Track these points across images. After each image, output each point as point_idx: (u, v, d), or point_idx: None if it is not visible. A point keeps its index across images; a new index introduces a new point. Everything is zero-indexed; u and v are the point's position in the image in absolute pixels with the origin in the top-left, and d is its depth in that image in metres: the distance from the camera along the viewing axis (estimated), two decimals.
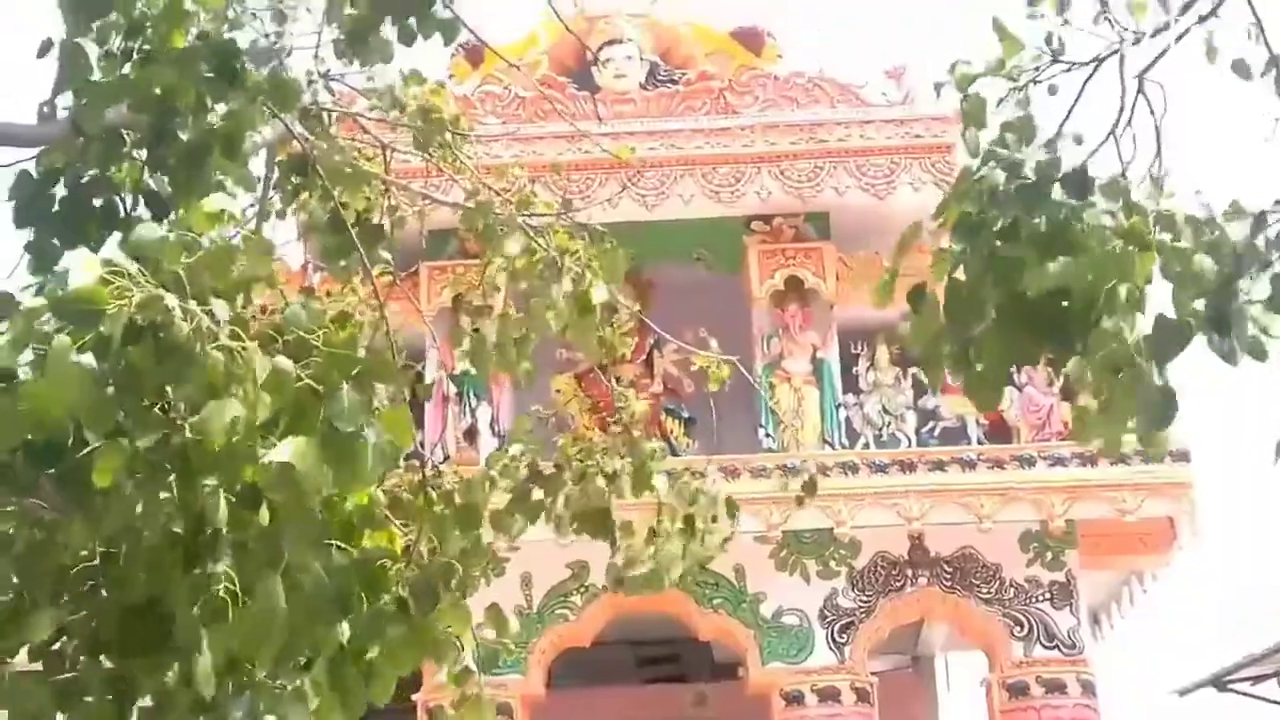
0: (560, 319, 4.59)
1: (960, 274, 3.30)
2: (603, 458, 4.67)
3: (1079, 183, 3.23)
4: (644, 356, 12.85)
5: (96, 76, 3.66)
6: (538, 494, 4.58)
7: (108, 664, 2.60)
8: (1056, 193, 3.24)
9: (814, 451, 12.24)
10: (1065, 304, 3.18)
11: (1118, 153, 3.51)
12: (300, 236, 5.28)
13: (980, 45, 3.72)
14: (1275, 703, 16.81)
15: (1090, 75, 3.67)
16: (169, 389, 2.41)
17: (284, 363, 2.41)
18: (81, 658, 2.75)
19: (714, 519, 4.67)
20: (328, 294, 5.42)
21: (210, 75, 3.42)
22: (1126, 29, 3.65)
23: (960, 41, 3.81)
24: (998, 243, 3.19)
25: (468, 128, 5.26)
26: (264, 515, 2.45)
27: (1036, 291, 3.16)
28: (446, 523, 3.72)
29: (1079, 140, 3.40)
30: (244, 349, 2.41)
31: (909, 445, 12.59)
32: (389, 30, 4.42)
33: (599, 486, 4.58)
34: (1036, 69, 3.66)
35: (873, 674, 12.43)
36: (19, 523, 2.69)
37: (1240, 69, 3.65)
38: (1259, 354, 3.21)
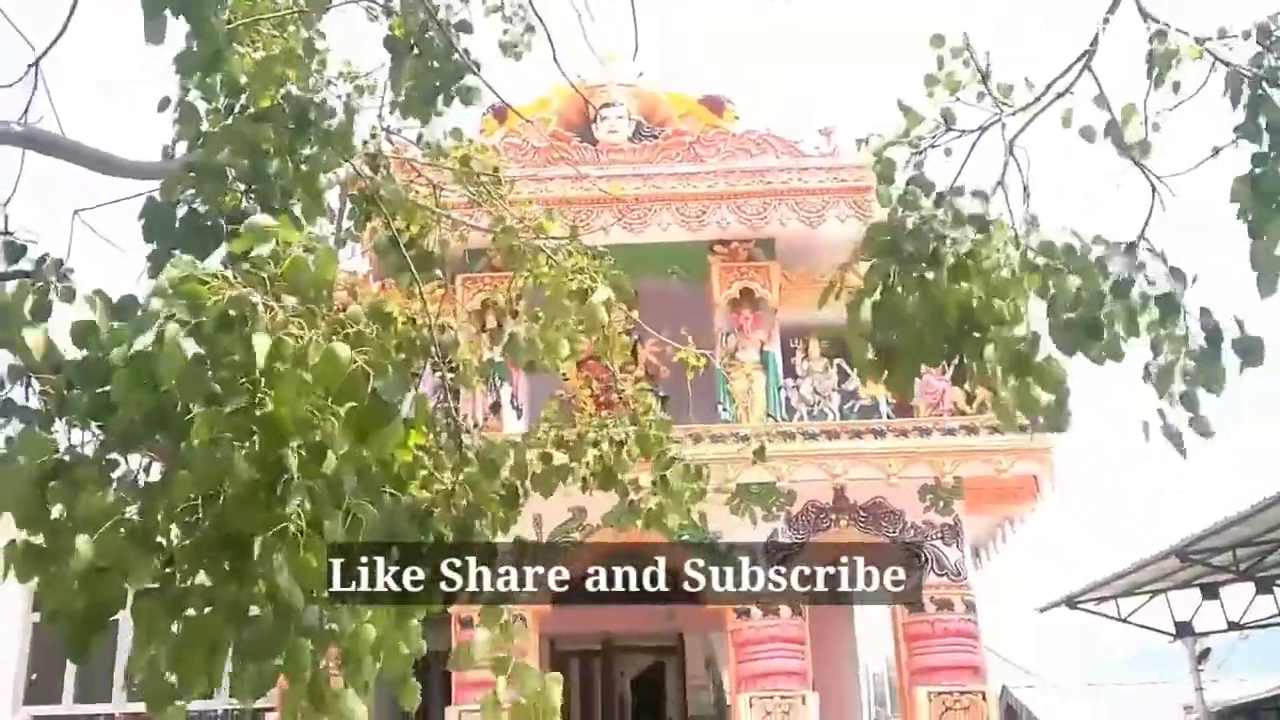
0: (582, 322, 4.57)
1: (880, 293, 3.27)
2: (612, 428, 4.67)
3: (980, 222, 3.24)
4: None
5: (205, 127, 3.64)
6: (561, 458, 4.60)
7: (209, 583, 2.58)
8: (959, 229, 3.23)
9: (760, 423, 12.26)
10: (968, 317, 3.17)
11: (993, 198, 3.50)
12: (364, 253, 5.26)
13: (893, 114, 3.72)
14: (1110, 617, 17.02)
15: (976, 140, 3.67)
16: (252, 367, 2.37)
17: (340, 349, 2.38)
18: (188, 579, 2.72)
19: (698, 474, 4.72)
20: (387, 299, 5.39)
21: (292, 127, 3.40)
22: (1005, 103, 3.64)
23: (875, 107, 3.79)
24: (923, 265, 3.18)
25: (503, 175, 5.31)
26: (330, 465, 2.42)
27: (951, 307, 3.15)
28: (477, 474, 3.70)
29: (979, 194, 3.39)
30: (306, 338, 2.38)
31: (834, 419, 12.68)
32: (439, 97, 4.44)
33: (614, 451, 4.59)
34: (934, 136, 3.65)
35: None
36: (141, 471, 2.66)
37: (1087, 134, 3.64)
38: (1116, 356, 3.21)
